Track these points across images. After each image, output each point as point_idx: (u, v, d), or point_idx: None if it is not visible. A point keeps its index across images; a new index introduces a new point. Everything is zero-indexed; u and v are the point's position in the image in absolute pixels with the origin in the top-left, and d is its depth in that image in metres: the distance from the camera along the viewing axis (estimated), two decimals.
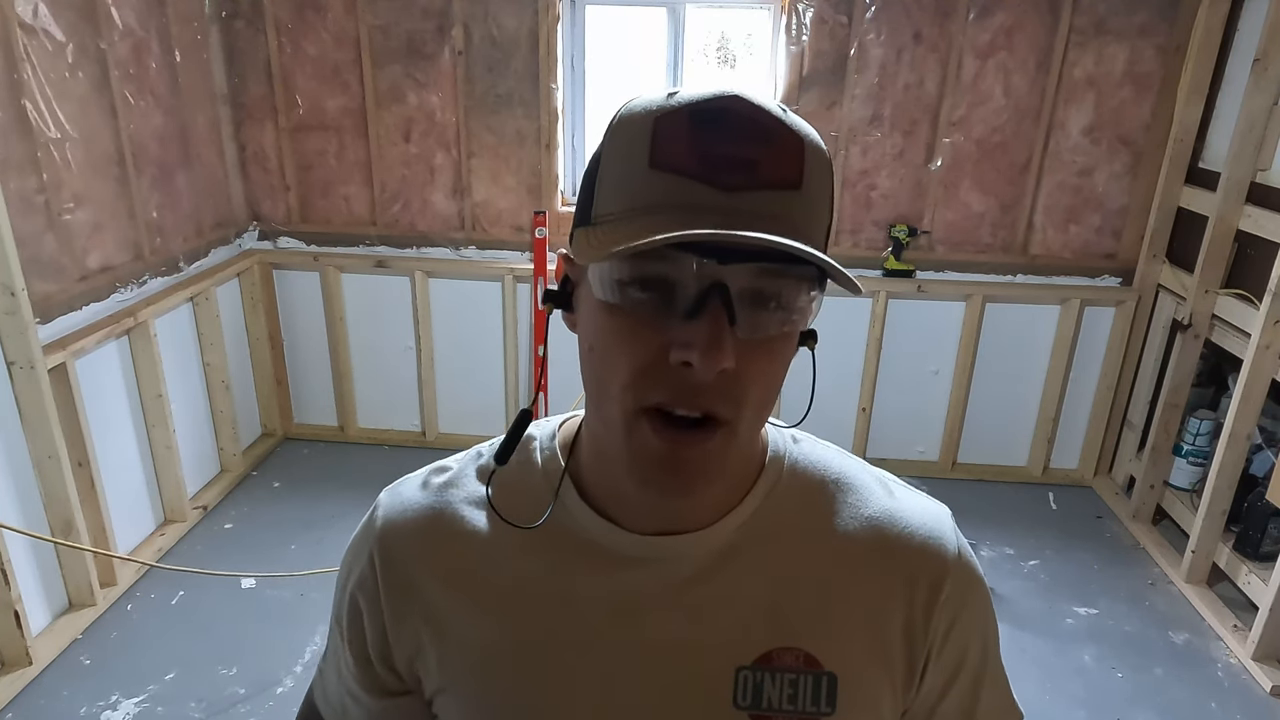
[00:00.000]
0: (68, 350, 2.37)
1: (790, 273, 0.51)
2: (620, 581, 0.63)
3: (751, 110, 0.51)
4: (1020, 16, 2.98)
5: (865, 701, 0.63)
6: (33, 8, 2.28)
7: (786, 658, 0.62)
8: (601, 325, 0.54)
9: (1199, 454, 3.03)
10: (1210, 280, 2.84)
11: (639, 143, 0.52)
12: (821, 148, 0.54)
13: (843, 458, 0.70)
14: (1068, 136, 3.12)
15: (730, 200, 0.50)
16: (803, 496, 0.66)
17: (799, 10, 3.02)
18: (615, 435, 0.55)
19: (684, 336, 0.50)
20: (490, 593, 0.65)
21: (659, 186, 0.51)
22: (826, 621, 0.63)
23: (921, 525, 0.66)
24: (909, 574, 0.64)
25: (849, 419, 3.44)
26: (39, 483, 2.33)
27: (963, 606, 0.65)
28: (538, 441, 0.68)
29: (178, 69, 2.92)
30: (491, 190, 3.32)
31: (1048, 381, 3.39)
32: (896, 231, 3.21)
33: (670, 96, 0.53)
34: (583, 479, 0.65)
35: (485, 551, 0.65)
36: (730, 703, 0.62)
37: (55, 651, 2.36)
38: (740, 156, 0.50)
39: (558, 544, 0.64)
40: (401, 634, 0.67)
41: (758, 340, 0.52)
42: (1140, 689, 2.40)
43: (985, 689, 0.69)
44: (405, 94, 3.20)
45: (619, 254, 0.49)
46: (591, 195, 0.56)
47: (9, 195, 2.18)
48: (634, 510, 0.62)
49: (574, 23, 3.22)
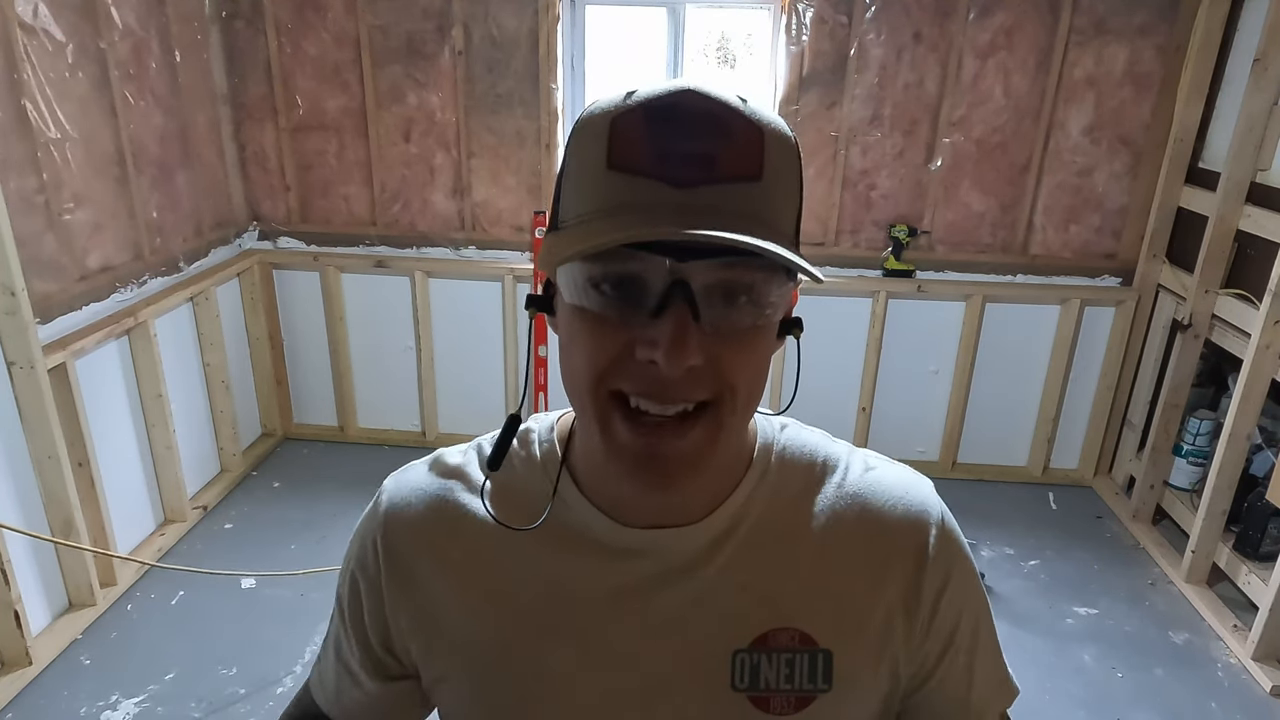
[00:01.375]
0: (68, 350, 2.37)
1: (755, 265, 0.50)
2: (617, 573, 0.63)
3: (706, 104, 0.51)
4: (1020, 16, 2.98)
5: (860, 675, 0.64)
6: (33, 8, 2.28)
7: (782, 638, 0.63)
8: (572, 326, 0.55)
9: (1199, 454, 3.03)
10: (1210, 280, 2.84)
11: (597, 144, 0.52)
12: (784, 135, 0.53)
13: (829, 441, 0.71)
14: (1068, 136, 3.12)
15: (688, 197, 0.49)
16: (792, 481, 0.66)
17: (799, 10, 3.02)
18: (593, 431, 0.56)
19: (649, 335, 0.50)
20: (489, 583, 0.65)
21: (617, 187, 0.51)
22: (819, 599, 0.64)
23: (904, 495, 0.67)
24: (895, 544, 0.65)
25: (849, 419, 3.45)
26: (39, 483, 2.33)
27: (950, 571, 0.66)
28: (536, 434, 0.69)
29: (178, 69, 2.92)
30: (491, 190, 3.32)
31: (1048, 381, 3.39)
32: (896, 231, 3.21)
33: (628, 96, 0.52)
34: (579, 472, 0.65)
35: (485, 542, 0.66)
36: (728, 686, 0.63)
37: (55, 651, 2.36)
38: (696, 152, 0.50)
39: (556, 536, 0.65)
40: (401, 620, 0.68)
41: (731, 333, 0.52)
42: (1140, 689, 2.40)
43: (979, 658, 0.70)
44: (405, 94, 3.20)
45: (570, 258, 0.49)
46: (558, 201, 0.56)
47: (9, 195, 2.18)
48: (628, 503, 0.63)
49: (574, 23, 3.22)
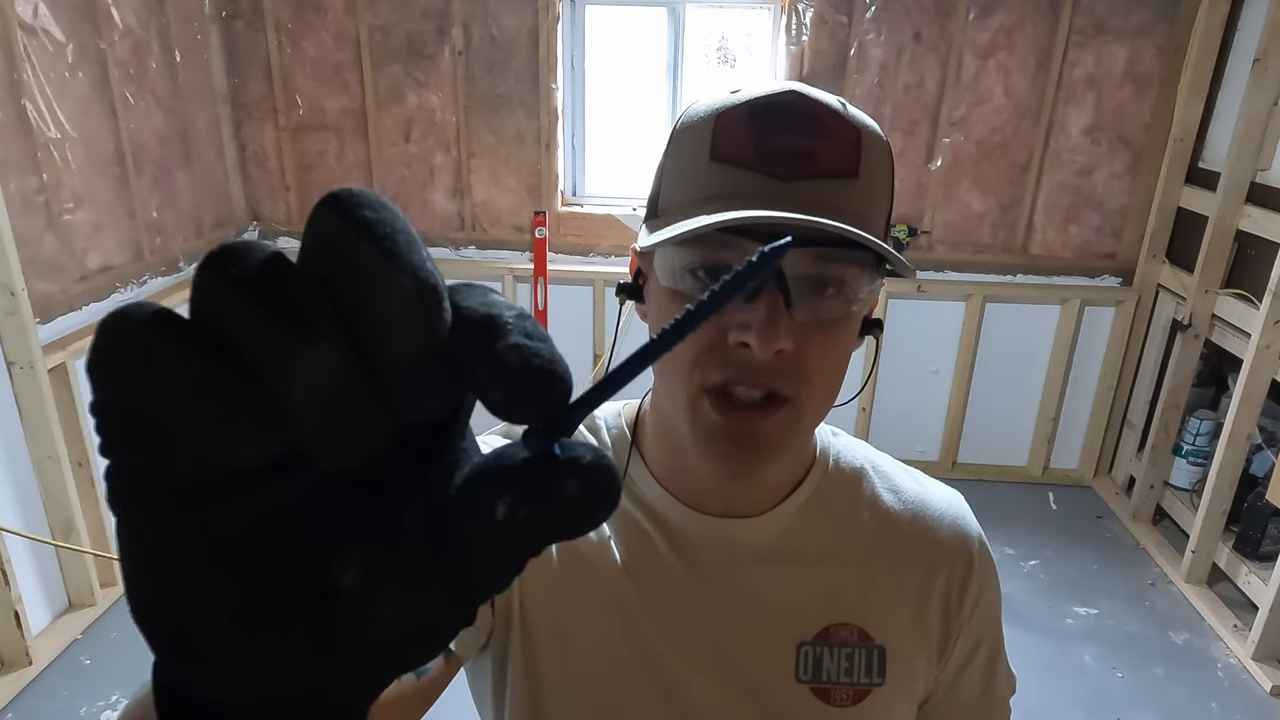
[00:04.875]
0: (68, 350, 2.37)
1: (847, 258, 0.53)
2: (688, 560, 0.65)
3: (808, 103, 0.54)
4: (1020, 16, 2.98)
5: (909, 671, 0.67)
6: (33, 8, 2.28)
7: (843, 632, 0.66)
8: (666, 311, 0.57)
9: (1199, 454, 3.03)
10: (1210, 280, 2.84)
11: (701, 137, 0.54)
12: (881, 138, 0.56)
13: (872, 449, 0.75)
14: (1068, 136, 3.12)
15: (786, 189, 0.52)
16: (848, 482, 0.70)
17: (799, 10, 3.02)
18: (681, 415, 0.58)
19: (741, 319, 0.52)
20: (562, 559, 0.65)
21: (718, 178, 0.53)
22: (875, 597, 0.67)
23: (949, 508, 0.72)
24: (944, 553, 0.69)
25: (849, 419, 3.44)
26: (39, 483, 2.33)
27: (986, 581, 0.70)
28: (603, 420, 0.71)
29: (178, 69, 2.92)
30: (491, 190, 3.32)
31: (1048, 381, 3.39)
32: (896, 231, 3.21)
33: (733, 94, 0.55)
34: (650, 458, 0.67)
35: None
36: (792, 678, 0.65)
37: (55, 651, 2.36)
38: (796, 147, 0.52)
39: (627, 518, 0.66)
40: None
41: (816, 324, 0.54)
42: (1140, 689, 2.40)
43: (1000, 657, 0.74)
44: (405, 94, 3.20)
45: (672, 240, 0.52)
46: (658, 191, 0.59)
47: (9, 195, 2.18)
48: (700, 491, 0.65)
49: (574, 23, 3.22)
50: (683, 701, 0.64)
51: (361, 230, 0.20)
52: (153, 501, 0.21)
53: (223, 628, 0.21)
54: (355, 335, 0.20)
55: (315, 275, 0.20)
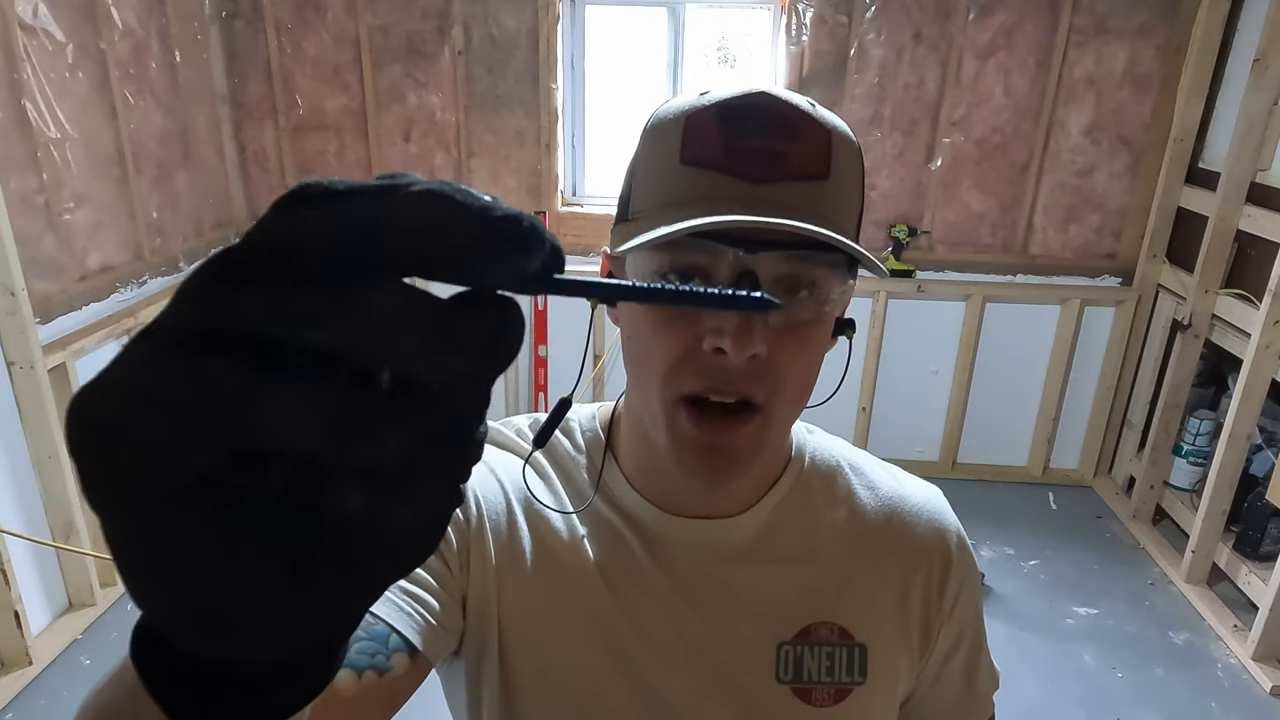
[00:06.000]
0: (68, 350, 2.37)
1: (819, 260, 0.52)
2: (664, 563, 0.64)
3: (778, 105, 0.53)
4: (1020, 16, 2.98)
5: (890, 669, 0.67)
6: (33, 8, 2.28)
7: (823, 631, 0.65)
8: (639, 316, 0.56)
9: (1199, 454, 3.03)
10: (1210, 280, 2.84)
11: (670, 140, 0.54)
12: (850, 139, 0.55)
13: (848, 446, 0.74)
14: (1068, 136, 3.12)
15: (758, 192, 0.52)
16: (824, 480, 0.69)
17: (799, 10, 3.02)
18: (657, 424, 0.57)
19: (715, 324, 0.52)
20: (542, 560, 0.64)
21: (689, 181, 0.53)
22: (854, 595, 0.67)
23: (926, 504, 0.71)
24: (922, 550, 0.69)
25: (849, 419, 3.44)
26: (39, 483, 2.33)
27: (965, 577, 0.70)
28: (577, 423, 0.70)
29: (178, 69, 2.92)
30: (491, 190, 3.30)
31: (1048, 381, 3.39)
32: (896, 231, 3.21)
33: (702, 95, 0.55)
34: (624, 462, 0.66)
35: (533, 522, 0.66)
36: (773, 679, 0.64)
37: (55, 651, 2.36)
38: (766, 149, 0.52)
39: (602, 521, 0.65)
40: (471, 565, 0.63)
41: (789, 327, 0.54)
42: (1140, 689, 2.40)
43: (982, 653, 0.74)
44: (405, 94, 3.20)
45: (642, 245, 0.51)
46: (629, 193, 0.58)
47: (9, 195, 2.18)
48: (674, 494, 0.64)
49: (574, 23, 3.22)
50: (663, 705, 0.63)
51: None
52: (162, 504, 0.22)
53: (259, 603, 0.22)
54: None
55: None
